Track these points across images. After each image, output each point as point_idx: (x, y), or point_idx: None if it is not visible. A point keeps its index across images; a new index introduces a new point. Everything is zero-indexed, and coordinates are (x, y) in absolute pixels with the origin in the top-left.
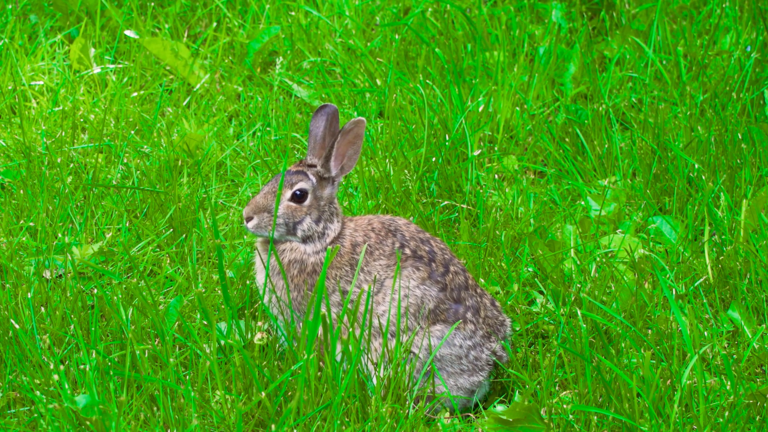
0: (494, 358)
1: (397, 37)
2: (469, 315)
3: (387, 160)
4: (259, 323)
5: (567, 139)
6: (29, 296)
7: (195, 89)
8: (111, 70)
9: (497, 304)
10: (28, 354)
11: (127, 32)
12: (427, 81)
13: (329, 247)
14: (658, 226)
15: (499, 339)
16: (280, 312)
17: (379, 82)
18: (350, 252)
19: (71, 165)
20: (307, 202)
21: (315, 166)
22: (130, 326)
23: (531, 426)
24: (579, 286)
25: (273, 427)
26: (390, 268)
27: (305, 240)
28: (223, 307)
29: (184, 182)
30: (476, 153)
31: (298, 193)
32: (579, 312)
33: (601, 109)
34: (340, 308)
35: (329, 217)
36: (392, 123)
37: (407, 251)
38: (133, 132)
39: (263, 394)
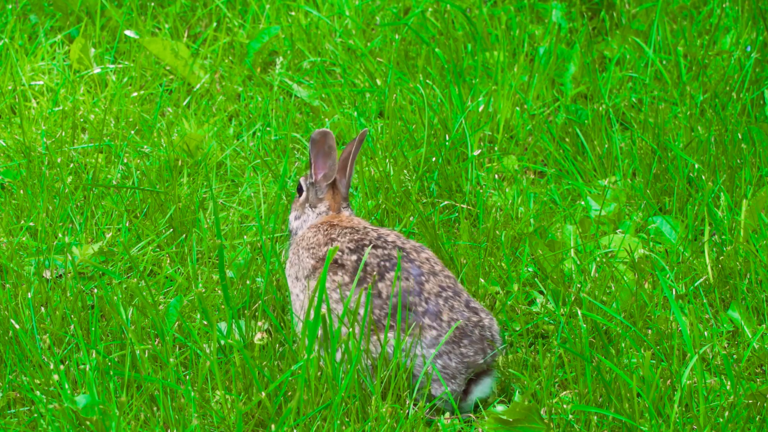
0: (468, 361)
1: (397, 37)
2: (427, 320)
3: (387, 160)
4: (260, 323)
5: (567, 139)
6: (29, 296)
7: (195, 89)
8: (111, 70)
9: (474, 304)
10: (28, 354)
11: (127, 32)
12: (427, 81)
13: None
14: (658, 226)
15: (494, 341)
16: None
17: (379, 82)
18: (297, 243)
19: (71, 165)
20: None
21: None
22: (130, 326)
23: (531, 426)
24: (579, 286)
25: (273, 427)
26: (317, 270)
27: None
28: (223, 307)
29: (184, 182)
30: (476, 153)
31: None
32: (579, 312)
33: (601, 109)
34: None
35: (299, 216)
36: (392, 123)
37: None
38: (133, 132)
39: (263, 394)
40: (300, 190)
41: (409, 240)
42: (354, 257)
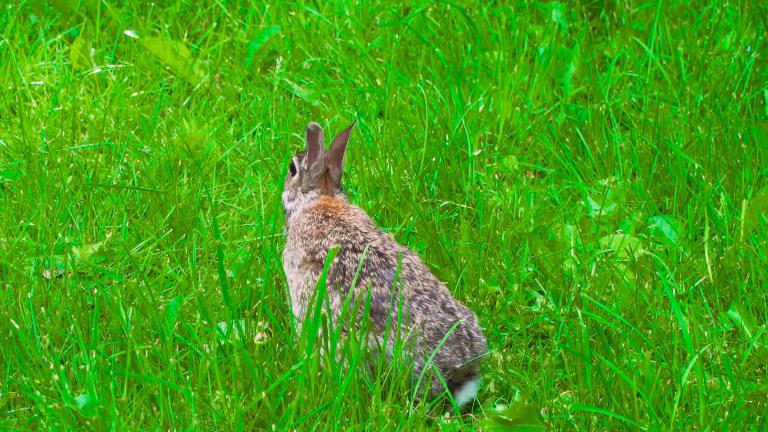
0: (444, 362)
1: (397, 37)
2: (401, 324)
3: (387, 160)
4: (260, 323)
5: (567, 139)
6: (29, 296)
7: (195, 89)
8: (111, 70)
9: (451, 305)
10: (28, 354)
11: (127, 32)
12: (427, 81)
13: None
14: (658, 226)
15: (472, 339)
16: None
17: (379, 82)
18: (294, 228)
19: (71, 165)
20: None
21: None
22: (130, 326)
23: (531, 426)
24: (579, 286)
25: (273, 427)
26: (306, 262)
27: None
28: (223, 307)
29: (184, 182)
30: (476, 153)
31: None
32: (579, 312)
33: (601, 109)
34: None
35: (292, 198)
36: (392, 123)
37: (316, 257)
38: (133, 132)
39: (263, 394)
40: (293, 169)
41: (395, 245)
42: (336, 259)
